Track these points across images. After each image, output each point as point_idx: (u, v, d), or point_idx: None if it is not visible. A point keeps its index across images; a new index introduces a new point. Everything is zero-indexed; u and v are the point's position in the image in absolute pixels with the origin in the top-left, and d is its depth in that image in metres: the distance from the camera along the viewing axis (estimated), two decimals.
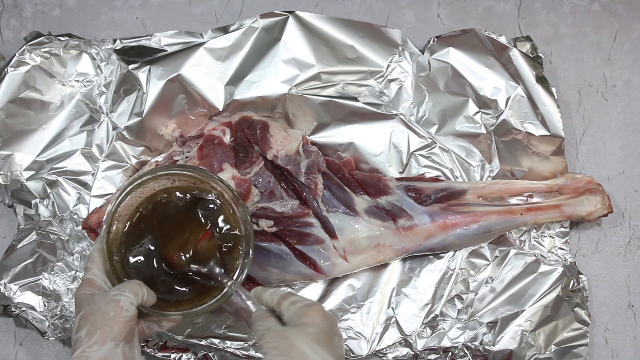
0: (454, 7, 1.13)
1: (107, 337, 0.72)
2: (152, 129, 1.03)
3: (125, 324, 0.73)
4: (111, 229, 0.83)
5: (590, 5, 1.14)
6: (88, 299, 0.76)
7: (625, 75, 1.12)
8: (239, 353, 0.99)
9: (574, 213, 1.00)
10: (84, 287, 0.78)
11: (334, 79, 1.05)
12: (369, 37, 1.05)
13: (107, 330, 0.72)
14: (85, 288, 0.78)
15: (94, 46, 1.05)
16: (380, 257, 0.99)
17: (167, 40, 1.05)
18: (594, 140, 1.10)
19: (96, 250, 0.82)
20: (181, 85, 1.02)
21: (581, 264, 1.06)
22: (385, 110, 1.04)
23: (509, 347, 0.99)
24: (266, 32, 1.04)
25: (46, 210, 1.03)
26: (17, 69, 1.02)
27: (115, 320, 0.73)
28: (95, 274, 0.79)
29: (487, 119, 1.04)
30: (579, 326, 0.99)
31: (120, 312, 0.73)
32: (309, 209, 0.97)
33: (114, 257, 0.82)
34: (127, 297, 0.75)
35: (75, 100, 1.04)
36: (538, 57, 1.05)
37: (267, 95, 1.03)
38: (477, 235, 0.99)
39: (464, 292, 1.01)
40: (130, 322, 0.74)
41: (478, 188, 1.02)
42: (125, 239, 0.84)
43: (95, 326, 0.72)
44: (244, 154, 0.97)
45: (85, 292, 0.77)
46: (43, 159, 1.03)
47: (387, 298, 1.01)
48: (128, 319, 0.74)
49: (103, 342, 0.72)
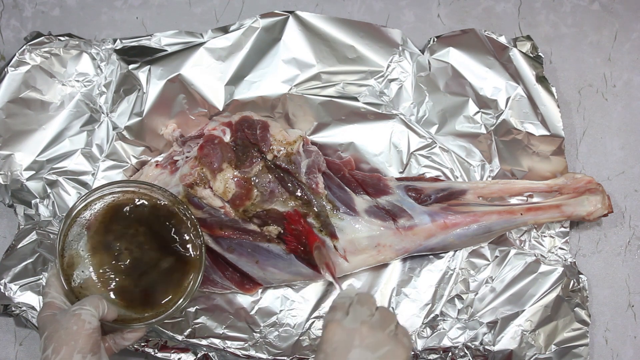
0: (454, 7, 1.13)
1: (74, 351, 0.73)
2: (152, 129, 1.03)
3: (90, 335, 0.75)
4: (64, 252, 0.85)
5: (591, 5, 1.14)
6: (50, 319, 0.77)
7: (626, 75, 1.12)
8: (239, 353, 0.99)
9: (574, 213, 1.00)
10: (44, 310, 0.79)
11: (334, 79, 1.05)
12: (369, 37, 1.05)
13: (73, 345, 0.73)
14: (46, 310, 0.79)
15: (94, 46, 1.05)
16: (380, 257, 0.99)
17: (167, 40, 1.05)
18: (594, 140, 1.10)
19: (52, 275, 0.83)
20: (181, 85, 1.02)
21: (581, 264, 1.06)
22: (386, 110, 1.04)
23: (509, 347, 0.99)
24: (266, 32, 1.04)
25: (46, 210, 1.03)
26: (17, 69, 1.02)
27: (79, 333, 0.74)
28: (54, 297, 0.81)
29: (487, 119, 1.04)
30: (579, 326, 0.99)
31: (83, 325, 0.75)
32: (310, 208, 0.97)
33: (70, 279, 0.84)
34: (88, 310, 0.76)
35: (75, 100, 1.04)
36: (538, 57, 1.05)
37: (267, 95, 1.03)
38: (477, 235, 0.99)
39: (464, 292, 1.01)
40: (94, 334, 0.75)
41: (478, 188, 1.02)
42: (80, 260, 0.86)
43: (61, 342, 0.73)
44: (244, 154, 0.97)
45: (46, 314, 0.78)
46: (43, 159, 1.03)
47: (387, 298, 1.01)
48: (91, 330, 0.75)
49: (70, 357, 0.73)
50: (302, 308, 1.01)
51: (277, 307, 1.01)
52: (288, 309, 1.01)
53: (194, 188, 0.95)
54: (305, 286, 1.02)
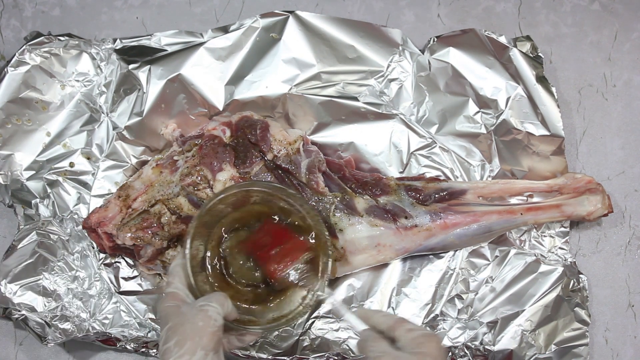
0: (454, 7, 1.13)
1: (197, 347, 0.72)
2: (152, 128, 1.04)
3: (214, 333, 0.74)
4: (193, 244, 0.83)
5: (591, 5, 1.14)
6: (175, 311, 0.76)
7: (626, 75, 1.12)
8: (239, 353, 0.99)
9: (574, 213, 1.00)
10: (168, 300, 0.78)
11: (334, 79, 1.05)
12: (369, 36, 1.05)
13: (197, 341, 0.72)
14: (170, 301, 0.78)
15: (94, 46, 1.05)
16: (380, 257, 0.99)
17: (167, 40, 1.05)
18: (594, 140, 1.10)
19: (178, 265, 0.82)
20: (181, 85, 1.02)
21: (581, 263, 1.06)
22: (386, 110, 1.04)
23: (509, 347, 0.98)
24: (266, 32, 1.04)
25: (46, 210, 1.03)
26: (17, 69, 1.02)
27: (204, 330, 0.73)
28: (177, 288, 0.80)
29: (487, 119, 1.04)
30: (579, 326, 0.99)
31: (208, 322, 0.74)
32: None
33: (194, 271, 0.83)
34: (215, 308, 0.75)
35: (75, 100, 1.04)
36: (538, 57, 1.05)
37: (267, 95, 1.03)
38: (477, 235, 0.99)
39: (464, 291, 1.01)
40: (218, 332, 0.74)
41: (478, 188, 1.02)
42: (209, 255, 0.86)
43: (185, 336, 0.72)
44: (244, 154, 0.97)
45: (170, 305, 0.77)
46: (43, 158, 1.03)
47: (387, 298, 1.01)
48: (216, 328, 0.74)
49: (193, 352, 0.72)
50: None
51: None
52: None
53: (193, 188, 0.95)
54: None
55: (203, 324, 0.73)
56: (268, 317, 0.86)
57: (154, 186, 0.97)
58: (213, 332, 0.74)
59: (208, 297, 0.77)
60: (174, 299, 0.78)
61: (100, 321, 0.99)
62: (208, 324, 0.74)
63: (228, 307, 0.78)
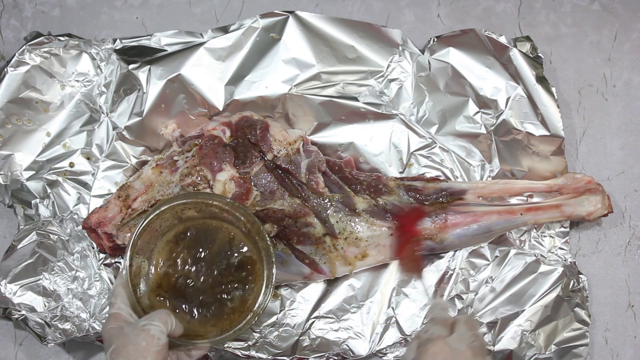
0: (454, 7, 1.13)
1: None
2: (152, 129, 1.03)
3: (158, 352, 0.74)
4: (133, 262, 0.83)
5: (591, 5, 1.14)
6: (117, 333, 0.76)
7: (626, 75, 1.12)
8: (239, 353, 0.99)
9: (574, 213, 1.00)
10: (111, 322, 0.78)
11: (334, 79, 1.05)
12: (369, 37, 1.05)
13: None
14: (113, 322, 0.78)
15: (94, 46, 1.05)
16: (380, 257, 0.99)
17: (167, 40, 1.05)
18: (594, 140, 1.10)
19: (119, 284, 0.82)
20: (181, 85, 1.02)
21: (581, 264, 1.06)
22: (386, 110, 1.04)
23: (509, 347, 0.98)
24: (266, 32, 1.04)
25: (46, 210, 1.03)
26: (17, 69, 1.02)
27: (148, 350, 0.73)
28: (120, 308, 0.80)
29: (487, 119, 1.04)
30: (579, 326, 0.99)
31: (152, 341, 0.74)
32: (309, 208, 0.97)
33: (137, 289, 0.83)
34: (157, 326, 0.75)
35: (75, 100, 1.04)
36: (538, 57, 1.05)
37: (267, 95, 1.03)
38: (477, 235, 0.99)
39: (464, 292, 1.01)
40: (162, 351, 0.74)
41: (478, 188, 1.02)
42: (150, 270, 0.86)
43: (129, 358, 0.72)
44: (244, 154, 0.97)
45: (113, 327, 0.77)
46: (43, 159, 1.03)
47: (387, 298, 1.01)
48: (160, 347, 0.74)
49: None
50: (302, 308, 1.01)
51: (277, 307, 1.01)
52: (288, 309, 1.01)
53: (194, 188, 0.95)
54: (305, 286, 1.02)
55: (146, 344, 0.73)
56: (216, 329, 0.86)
57: (154, 186, 0.97)
58: (157, 351, 0.73)
59: (150, 315, 0.77)
60: (117, 320, 0.78)
61: (100, 321, 0.99)
62: (151, 344, 0.73)
63: (172, 323, 0.77)
